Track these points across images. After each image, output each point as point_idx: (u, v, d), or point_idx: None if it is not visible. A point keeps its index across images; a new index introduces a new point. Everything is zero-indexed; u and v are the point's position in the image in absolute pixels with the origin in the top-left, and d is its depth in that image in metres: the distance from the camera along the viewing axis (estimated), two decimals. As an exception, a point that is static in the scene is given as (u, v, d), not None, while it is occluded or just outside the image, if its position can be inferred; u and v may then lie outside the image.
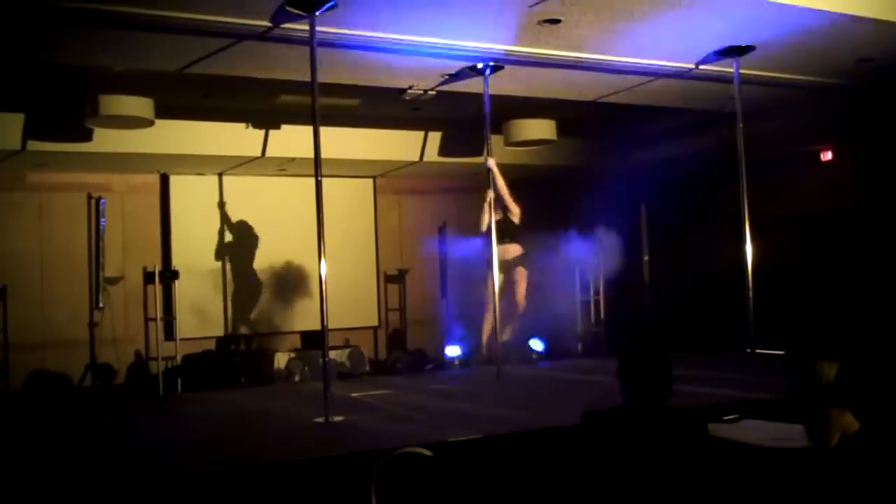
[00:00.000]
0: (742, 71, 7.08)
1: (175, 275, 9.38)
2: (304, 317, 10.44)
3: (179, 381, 8.90)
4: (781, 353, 8.25)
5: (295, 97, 8.30)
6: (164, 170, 10.34)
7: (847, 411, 3.52)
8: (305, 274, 10.54)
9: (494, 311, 7.68)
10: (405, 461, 3.77)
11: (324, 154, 5.77)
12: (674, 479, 3.08)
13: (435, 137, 10.37)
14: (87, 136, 8.63)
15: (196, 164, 10.00)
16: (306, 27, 5.62)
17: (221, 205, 10.66)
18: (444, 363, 9.73)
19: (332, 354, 8.59)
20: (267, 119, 9.35)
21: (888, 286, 8.85)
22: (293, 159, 9.73)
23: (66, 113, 8.36)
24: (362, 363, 10.36)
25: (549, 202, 10.79)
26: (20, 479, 4.25)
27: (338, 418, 5.60)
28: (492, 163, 7.75)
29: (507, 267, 8.06)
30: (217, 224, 10.65)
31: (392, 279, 11.89)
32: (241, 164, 10.11)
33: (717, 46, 6.72)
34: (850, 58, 7.03)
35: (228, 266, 10.67)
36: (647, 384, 3.20)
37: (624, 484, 3.12)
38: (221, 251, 10.64)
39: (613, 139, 10.49)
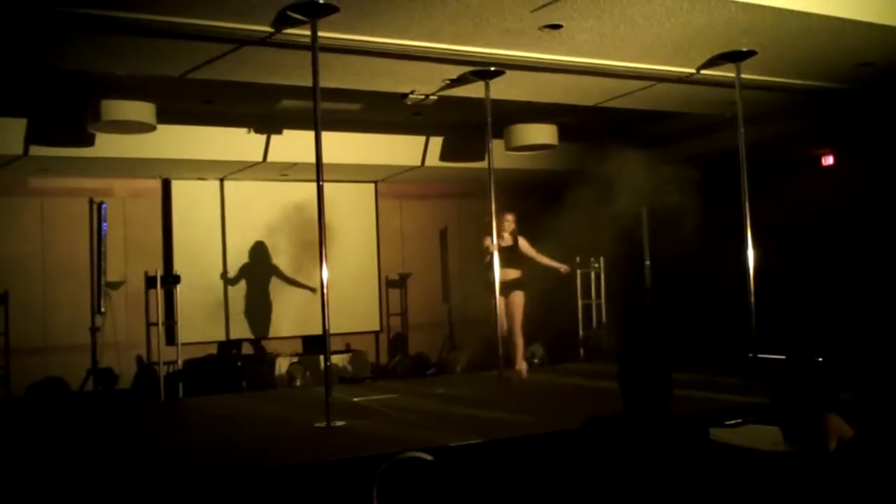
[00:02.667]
0: (743, 75, 7.08)
1: (176, 279, 9.39)
2: (306, 321, 10.43)
3: (181, 385, 8.90)
4: (783, 357, 8.27)
5: (296, 102, 8.31)
6: (165, 174, 10.35)
7: (839, 417, 3.52)
8: (307, 278, 10.55)
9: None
10: (406, 466, 3.77)
11: (325, 159, 5.78)
12: (676, 485, 3.08)
13: (436, 142, 10.39)
14: (89, 141, 8.64)
15: (198, 168, 10.01)
16: (308, 32, 5.64)
17: (223, 209, 10.67)
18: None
19: (334, 359, 8.58)
20: (268, 124, 9.37)
21: (889, 288, 8.84)
22: (295, 164, 9.74)
23: (68, 118, 8.37)
24: (364, 368, 10.36)
25: (549, 206, 10.78)
26: (22, 484, 4.25)
27: (339, 423, 5.60)
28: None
29: (505, 291, 8.00)
30: (219, 229, 10.66)
31: (393, 284, 11.89)
32: (243, 169, 10.12)
33: (718, 51, 6.72)
34: (851, 62, 7.03)
35: (230, 271, 10.67)
36: (647, 389, 3.19)
37: (625, 490, 3.12)
38: (223, 256, 10.65)
39: (615, 143, 10.47)
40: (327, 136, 5.94)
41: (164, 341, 9.29)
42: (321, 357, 7.54)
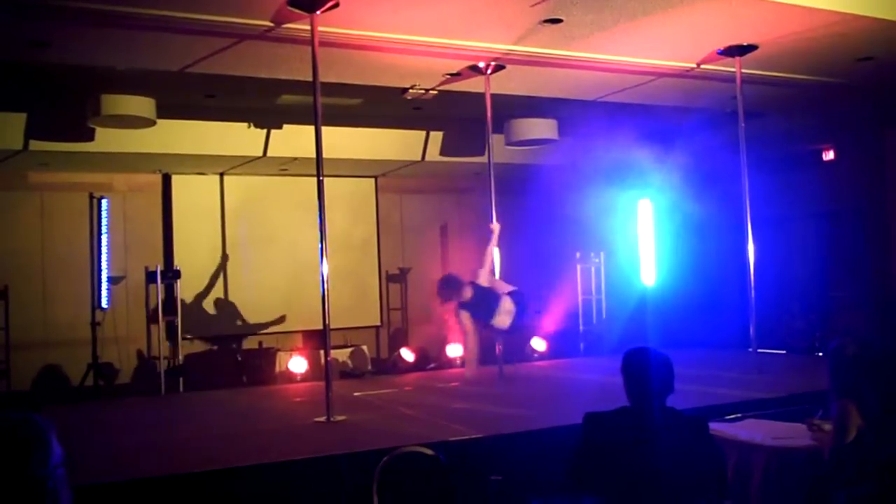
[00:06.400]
0: (744, 70, 7.07)
1: (177, 274, 9.39)
2: (306, 316, 10.43)
3: (181, 380, 8.90)
4: (783, 352, 8.24)
5: (296, 97, 8.30)
6: (165, 169, 10.34)
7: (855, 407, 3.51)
8: (307, 273, 10.54)
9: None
10: (407, 460, 3.78)
11: (325, 154, 5.77)
12: (676, 479, 3.08)
13: (436, 137, 10.37)
14: (89, 136, 8.63)
15: (198, 163, 10.00)
16: (308, 27, 5.63)
17: (223, 204, 10.67)
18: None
19: (334, 354, 8.59)
20: (269, 119, 9.36)
21: (889, 285, 8.84)
22: (295, 159, 9.73)
23: (68, 113, 8.36)
24: (364, 362, 10.37)
25: (549, 200, 10.79)
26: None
27: (340, 417, 5.61)
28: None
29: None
30: (219, 224, 10.65)
31: (394, 278, 11.89)
32: (243, 164, 10.11)
33: (719, 46, 6.72)
34: (851, 57, 7.02)
35: (230, 265, 10.68)
36: (649, 384, 3.20)
37: (626, 484, 3.12)
38: (223, 251, 10.65)
39: (616, 137, 10.49)
40: (327, 131, 5.92)
41: (165, 336, 9.29)
42: (321, 352, 7.55)
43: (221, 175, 10.64)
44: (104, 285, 9.23)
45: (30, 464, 2.31)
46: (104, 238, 9.31)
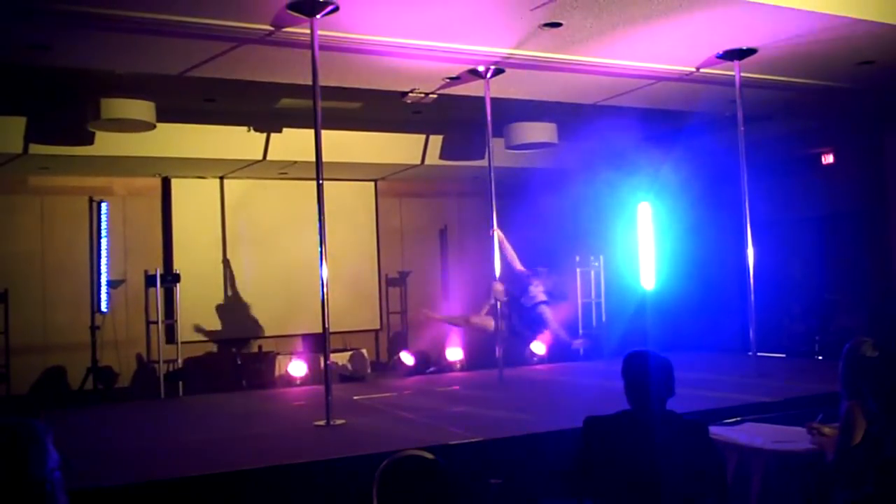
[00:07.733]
0: (743, 74, 7.07)
1: (176, 278, 9.38)
2: (306, 320, 10.41)
3: (181, 384, 8.90)
4: (782, 355, 8.21)
5: (296, 100, 8.30)
6: (165, 173, 10.34)
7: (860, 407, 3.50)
8: (307, 277, 10.54)
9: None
10: (407, 464, 3.77)
11: (325, 157, 5.78)
12: (676, 483, 3.08)
13: (436, 141, 10.38)
14: (88, 140, 8.63)
15: (197, 167, 10.01)
16: (307, 30, 5.63)
17: (223, 208, 10.67)
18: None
19: (334, 357, 8.59)
20: (268, 122, 9.36)
21: (888, 288, 8.84)
22: (295, 162, 9.73)
23: (67, 116, 8.36)
24: (364, 366, 10.36)
25: (549, 204, 10.78)
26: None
27: (339, 421, 5.60)
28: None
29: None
30: (218, 227, 10.65)
31: (393, 282, 11.89)
32: (243, 168, 10.11)
33: (718, 50, 6.73)
34: (851, 60, 7.03)
35: (230, 269, 10.67)
36: (649, 387, 3.20)
37: (626, 487, 3.12)
38: (223, 254, 10.64)
39: (615, 140, 10.51)
40: (327, 135, 5.93)
41: (164, 339, 9.28)
42: (321, 355, 7.55)
43: (221, 179, 10.65)
44: (104, 289, 9.23)
45: (28, 467, 2.31)
46: (104, 242, 9.31)
